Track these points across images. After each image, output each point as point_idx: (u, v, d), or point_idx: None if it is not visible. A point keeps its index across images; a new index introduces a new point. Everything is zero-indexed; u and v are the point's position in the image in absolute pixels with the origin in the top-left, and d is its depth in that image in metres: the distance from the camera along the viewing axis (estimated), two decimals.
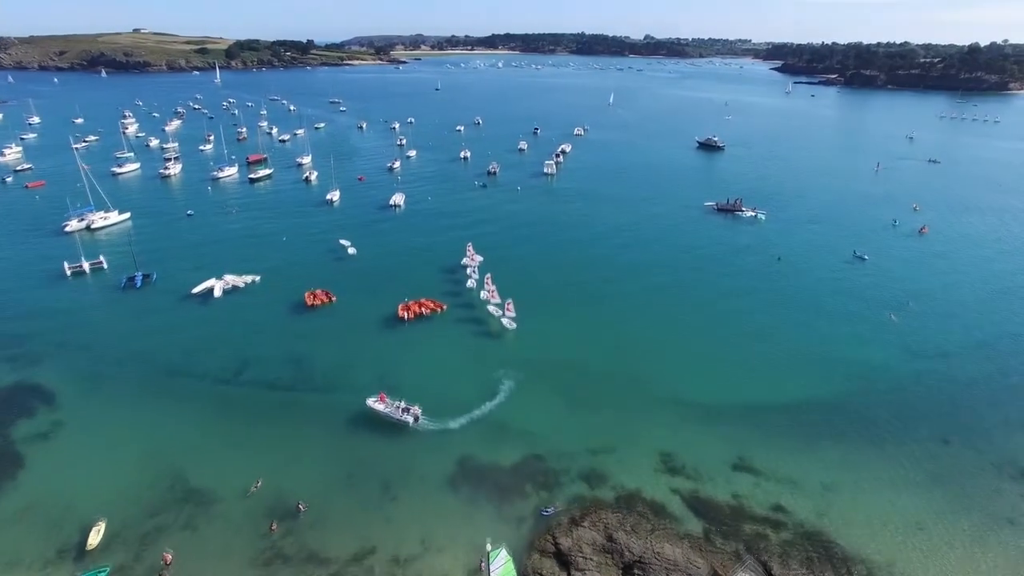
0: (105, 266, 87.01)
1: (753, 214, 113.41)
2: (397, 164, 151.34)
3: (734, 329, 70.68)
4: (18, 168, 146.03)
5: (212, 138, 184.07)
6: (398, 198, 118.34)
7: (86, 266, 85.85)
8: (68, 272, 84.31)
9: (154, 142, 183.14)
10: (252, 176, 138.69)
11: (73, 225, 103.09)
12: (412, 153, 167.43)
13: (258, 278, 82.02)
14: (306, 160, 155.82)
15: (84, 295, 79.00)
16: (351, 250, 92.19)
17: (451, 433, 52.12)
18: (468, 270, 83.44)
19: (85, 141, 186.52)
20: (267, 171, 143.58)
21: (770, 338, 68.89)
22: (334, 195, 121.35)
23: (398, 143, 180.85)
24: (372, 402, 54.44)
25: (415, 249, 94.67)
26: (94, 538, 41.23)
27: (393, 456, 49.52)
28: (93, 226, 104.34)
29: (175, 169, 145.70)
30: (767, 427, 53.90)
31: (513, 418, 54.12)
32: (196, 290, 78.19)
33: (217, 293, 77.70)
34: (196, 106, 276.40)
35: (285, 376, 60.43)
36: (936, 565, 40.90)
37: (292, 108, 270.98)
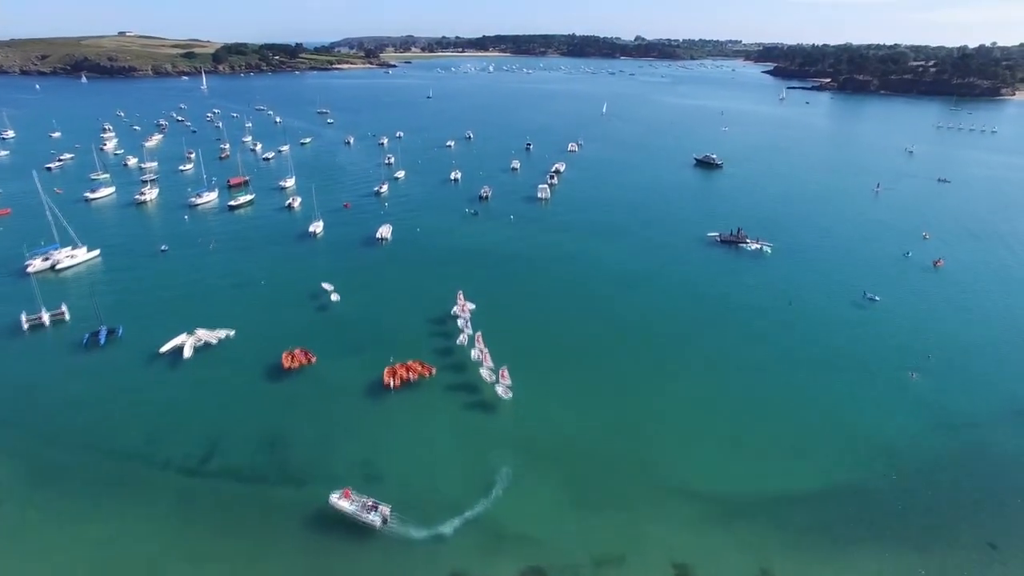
0: (67, 317, 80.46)
1: (758, 246, 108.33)
2: (385, 188, 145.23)
3: (747, 396, 65.22)
4: None
5: (193, 156, 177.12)
6: (385, 230, 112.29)
7: (46, 318, 79.23)
8: (25, 325, 77.65)
9: (132, 161, 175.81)
10: (232, 203, 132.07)
11: (36, 265, 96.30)
12: (400, 174, 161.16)
13: (232, 332, 75.75)
14: (289, 183, 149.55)
15: (41, 357, 72.35)
16: (334, 296, 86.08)
17: (442, 541, 46.28)
18: (459, 322, 77.69)
19: (60, 159, 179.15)
20: (248, 197, 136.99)
21: (787, 407, 63.56)
22: (317, 226, 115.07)
23: (386, 162, 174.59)
24: (336, 499, 48.63)
25: (402, 294, 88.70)
26: None
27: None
28: (59, 266, 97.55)
29: (151, 194, 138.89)
30: (790, 525, 48.58)
31: (508, 518, 48.39)
32: (164, 349, 71.87)
33: (187, 353, 71.34)
34: (179, 118, 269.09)
35: (257, 463, 54.41)
36: None
37: (278, 120, 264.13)
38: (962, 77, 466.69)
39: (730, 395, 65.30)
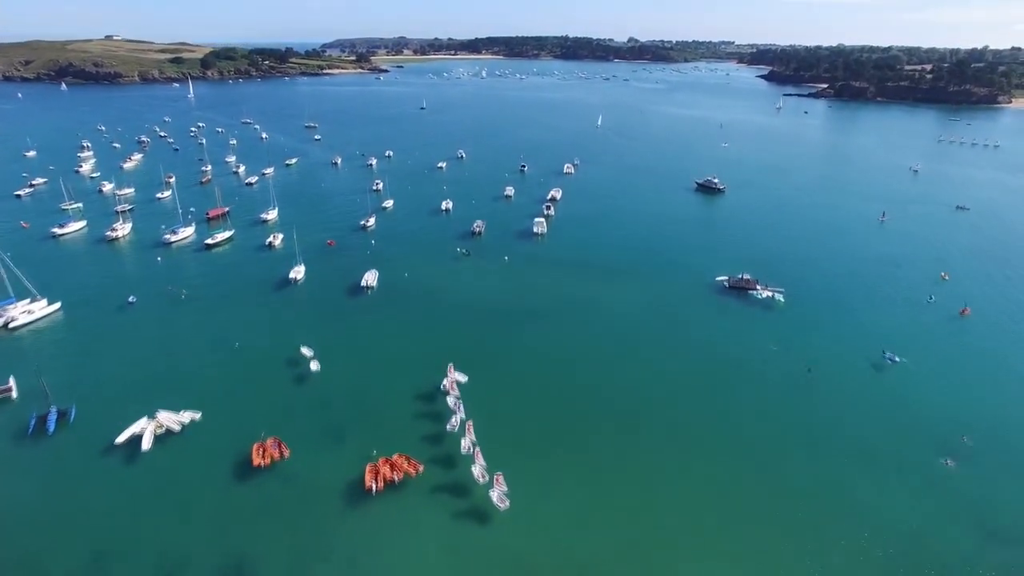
0: (15, 394, 72.64)
1: (769, 294, 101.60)
2: (372, 221, 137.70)
3: (766, 498, 58.25)
4: None
5: (172, 180, 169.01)
6: (370, 277, 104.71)
7: None
8: None
9: (108, 187, 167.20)
10: (209, 241, 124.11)
11: None
12: (389, 204, 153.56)
13: (198, 416, 68.26)
14: (272, 215, 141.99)
15: None
16: (313, 364, 78.48)
17: None
18: (450, 400, 70.55)
19: (32, 184, 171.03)
20: (227, 233, 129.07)
21: (812, 512, 56.60)
22: (298, 272, 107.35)
23: (374, 188, 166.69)
24: None
25: (388, 359, 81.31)
26: None
27: None
28: (12, 324, 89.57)
29: (124, 230, 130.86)
30: None
31: None
32: (121, 439, 64.20)
33: (146, 444, 63.75)
34: (162, 133, 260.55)
35: None
36: None
37: (264, 136, 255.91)
38: (959, 84, 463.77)
39: (747, 496, 58.27)
